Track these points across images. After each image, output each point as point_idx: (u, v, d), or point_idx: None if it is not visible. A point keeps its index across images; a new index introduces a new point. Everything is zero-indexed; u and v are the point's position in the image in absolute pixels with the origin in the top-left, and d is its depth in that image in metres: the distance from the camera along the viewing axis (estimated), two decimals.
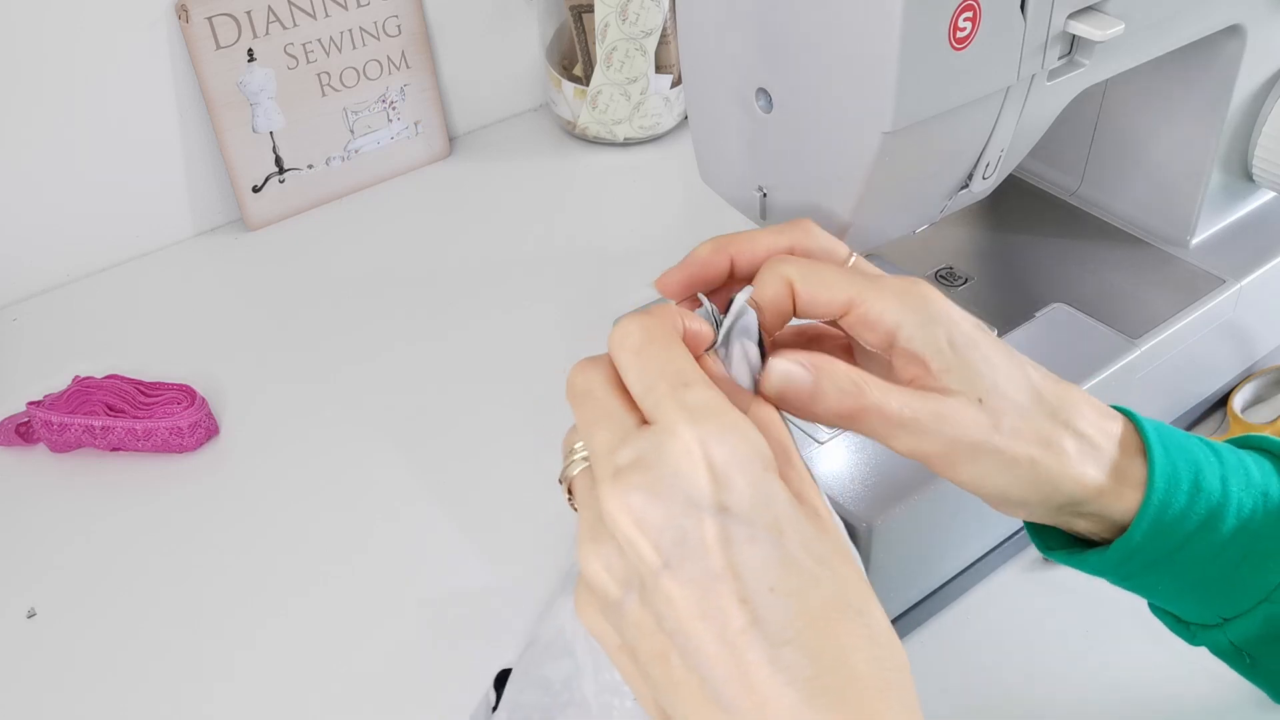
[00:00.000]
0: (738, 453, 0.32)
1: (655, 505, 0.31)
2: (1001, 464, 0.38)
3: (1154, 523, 0.39)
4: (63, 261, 0.84)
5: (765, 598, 0.31)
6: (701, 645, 0.31)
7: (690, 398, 0.32)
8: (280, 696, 0.56)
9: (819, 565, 0.32)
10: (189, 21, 0.80)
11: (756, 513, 0.31)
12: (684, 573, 0.31)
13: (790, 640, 0.30)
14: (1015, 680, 0.55)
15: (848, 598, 0.32)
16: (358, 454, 0.69)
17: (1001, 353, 0.39)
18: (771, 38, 0.46)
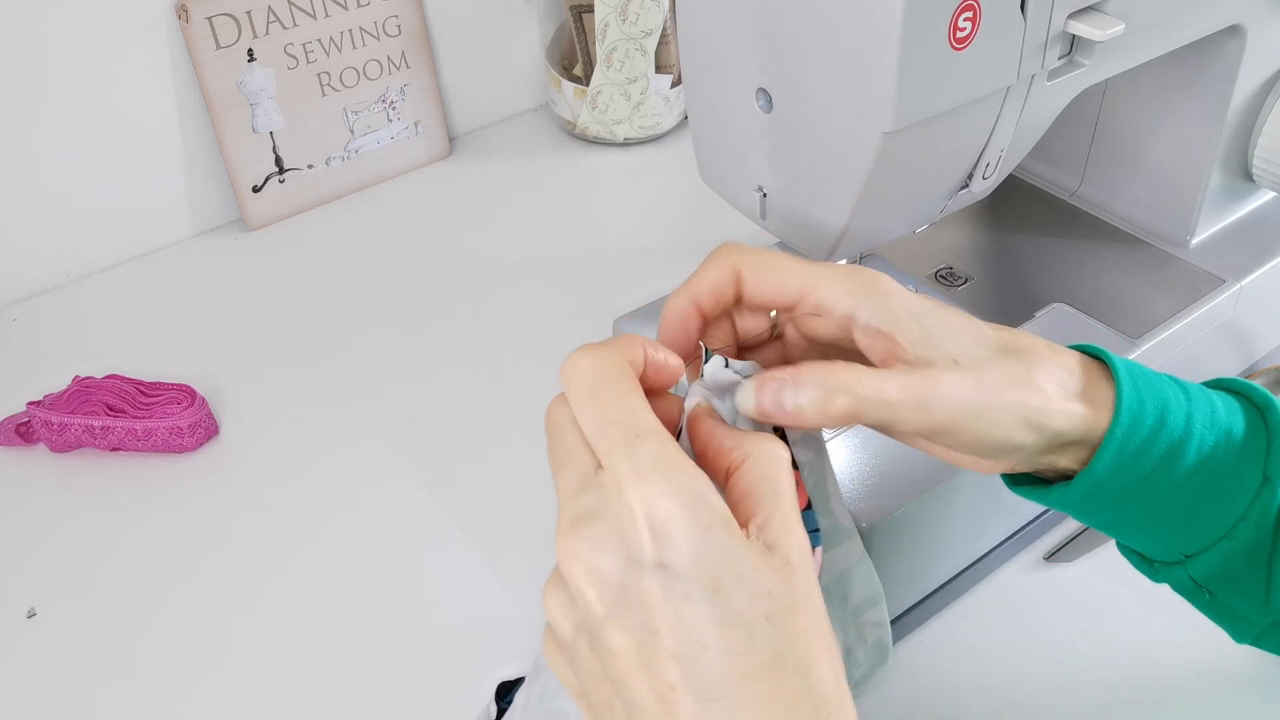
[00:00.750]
0: (680, 510, 0.32)
1: (601, 557, 0.32)
2: (996, 415, 0.38)
3: (1117, 455, 0.40)
4: (63, 261, 0.84)
5: (698, 654, 0.31)
6: (637, 698, 0.32)
7: (639, 451, 0.33)
8: (280, 696, 0.56)
9: (762, 622, 0.32)
10: (189, 21, 0.80)
11: (694, 570, 0.32)
12: (623, 625, 0.32)
13: (719, 698, 0.31)
14: (1015, 680, 0.55)
15: (788, 656, 0.32)
16: (358, 454, 0.69)
17: (954, 314, 0.40)
18: (771, 38, 0.46)
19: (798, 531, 0.34)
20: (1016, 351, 0.40)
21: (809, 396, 0.37)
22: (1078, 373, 0.41)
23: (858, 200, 0.47)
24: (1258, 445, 0.42)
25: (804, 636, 0.33)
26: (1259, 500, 0.41)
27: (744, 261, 0.40)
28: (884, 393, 0.37)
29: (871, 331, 0.39)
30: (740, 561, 0.32)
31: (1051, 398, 0.39)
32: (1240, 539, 0.42)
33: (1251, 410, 0.43)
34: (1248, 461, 0.41)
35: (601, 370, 0.35)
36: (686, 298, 0.40)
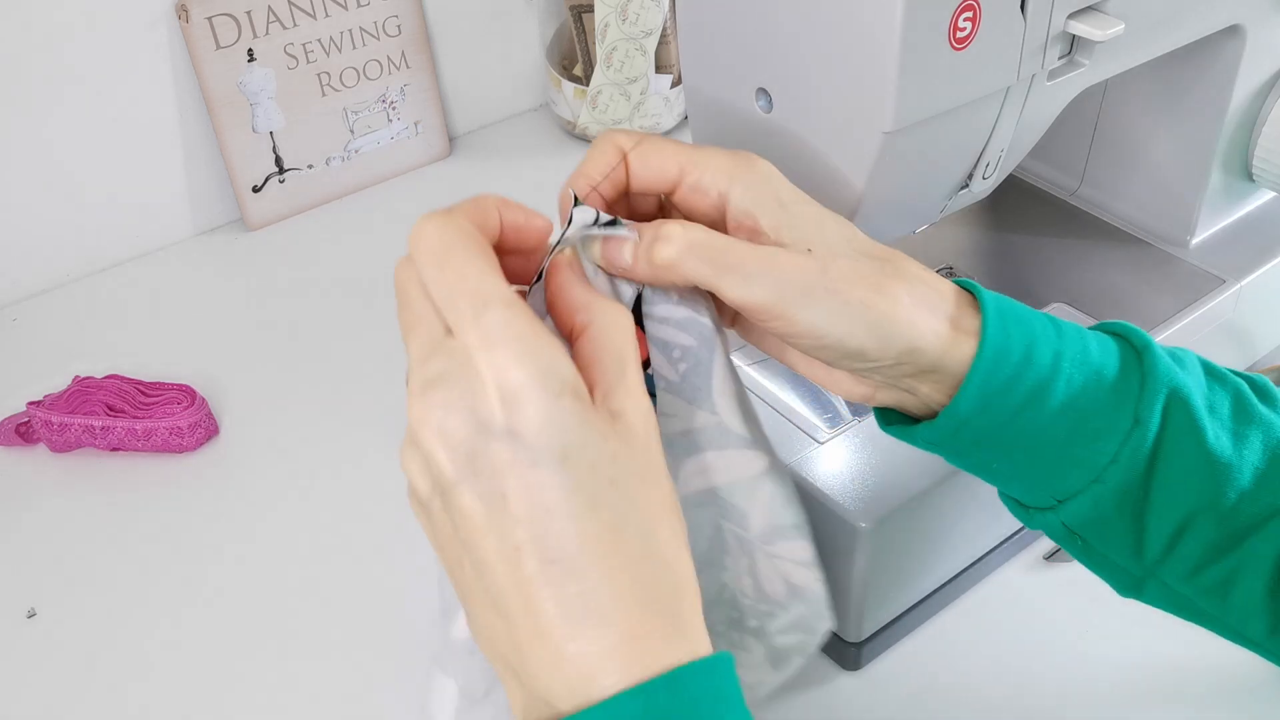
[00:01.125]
0: (529, 379, 0.33)
1: (452, 422, 0.33)
2: (835, 307, 0.38)
3: (981, 390, 0.40)
4: (63, 261, 0.84)
5: (542, 519, 0.32)
6: (485, 557, 0.33)
7: (487, 319, 0.33)
8: (280, 695, 0.56)
9: (607, 487, 0.33)
10: (189, 21, 0.80)
11: (542, 438, 0.33)
12: (474, 489, 0.33)
13: (559, 560, 0.32)
14: (1015, 680, 0.55)
15: (630, 520, 0.33)
16: (357, 454, 0.69)
17: (830, 214, 0.40)
18: (771, 38, 0.46)
19: (641, 398, 0.35)
20: (882, 259, 0.40)
21: (643, 246, 0.38)
22: (948, 297, 0.41)
23: (858, 200, 0.47)
24: (1130, 387, 0.41)
25: (647, 501, 0.34)
26: (1129, 443, 0.41)
27: (628, 144, 0.41)
28: (708, 248, 0.38)
29: (739, 213, 0.39)
30: (588, 429, 0.33)
31: (903, 306, 0.39)
32: (1110, 483, 0.41)
33: (1129, 352, 0.42)
34: (1118, 403, 0.41)
35: (447, 236, 0.35)
36: (582, 181, 0.41)
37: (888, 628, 0.56)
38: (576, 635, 0.32)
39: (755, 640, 0.46)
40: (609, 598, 0.33)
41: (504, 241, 0.38)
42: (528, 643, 0.33)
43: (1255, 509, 0.41)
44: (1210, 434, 0.41)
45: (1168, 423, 0.41)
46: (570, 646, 0.32)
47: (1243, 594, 0.42)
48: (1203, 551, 0.42)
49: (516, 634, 0.33)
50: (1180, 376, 0.41)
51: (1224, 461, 0.41)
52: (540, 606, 0.33)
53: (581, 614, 0.32)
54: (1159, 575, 0.43)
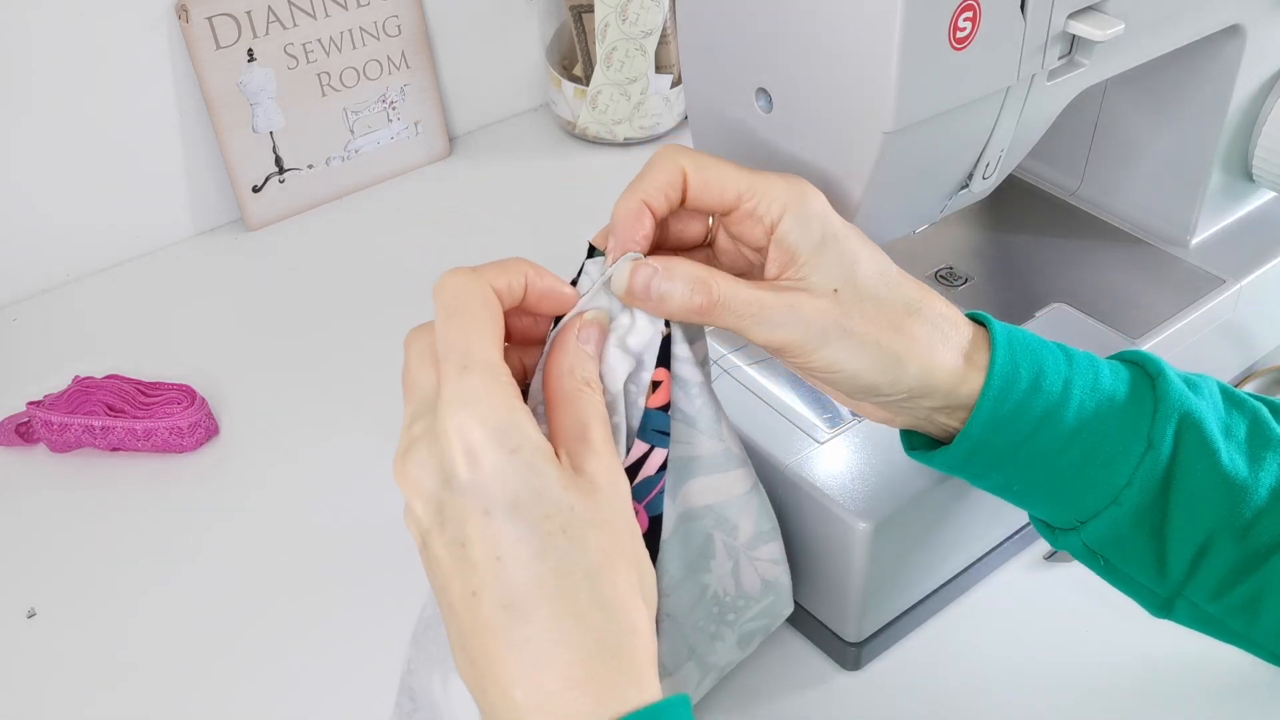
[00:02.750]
0: (487, 436, 0.35)
1: (425, 477, 0.37)
2: (851, 346, 0.41)
3: (991, 415, 0.42)
4: (63, 261, 0.84)
5: (494, 565, 0.35)
6: (453, 600, 0.36)
7: (464, 383, 0.36)
8: (281, 695, 0.56)
9: (558, 534, 0.35)
10: (189, 21, 0.80)
11: (495, 489, 0.35)
12: (441, 538, 0.36)
13: (511, 604, 0.35)
14: (1015, 680, 0.55)
15: (578, 566, 0.35)
16: (357, 453, 0.69)
17: (866, 250, 0.42)
18: (771, 38, 0.46)
19: (605, 458, 0.38)
20: (908, 298, 0.42)
21: (677, 287, 0.40)
22: (964, 334, 0.43)
23: (858, 200, 0.47)
24: (1142, 411, 0.43)
25: (599, 549, 0.36)
26: (1143, 466, 0.42)
27: (690, 164, 0.42)
28: (735, 300, 0.40)
29: (782, 244, 0.41)
30: (541, 480, 0.35)
31: (918, 345, 0.42)
32: (1127, 505, 0.43)
33: (1141, 378, 0.44)
34: (1131, 427, 0.43)
35: (463, 294, 0.38)
36: (637, 198, 0.42)
37: (888, 628, 0.56)
38: (523, 679, 0.34)
39: (729, 629, 0.50)
40: (554, 643, 0.34)
41: (529, 305, 0.40)
42: (487, 684, 0.35)
43: (1275, 528, 0.42)
44: (1224, 456, 0.42)
45: (1180, 445, 0.42)
46: (517, 691, 0.34)
47: (1271, 613, 0.43)
48: (1226, 571, 0.43)
49: (478, 675, 0.35)
50: (1193, 401, 0.43)
51: (1239, 482, 0.42)
52: (493, 650, 0.35)
53: (528, 658, 0.34)
54: (1186, 595, 0.45)
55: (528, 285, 0.40)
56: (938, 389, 0.42)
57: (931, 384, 0.42)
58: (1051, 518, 0.46)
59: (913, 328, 0.42)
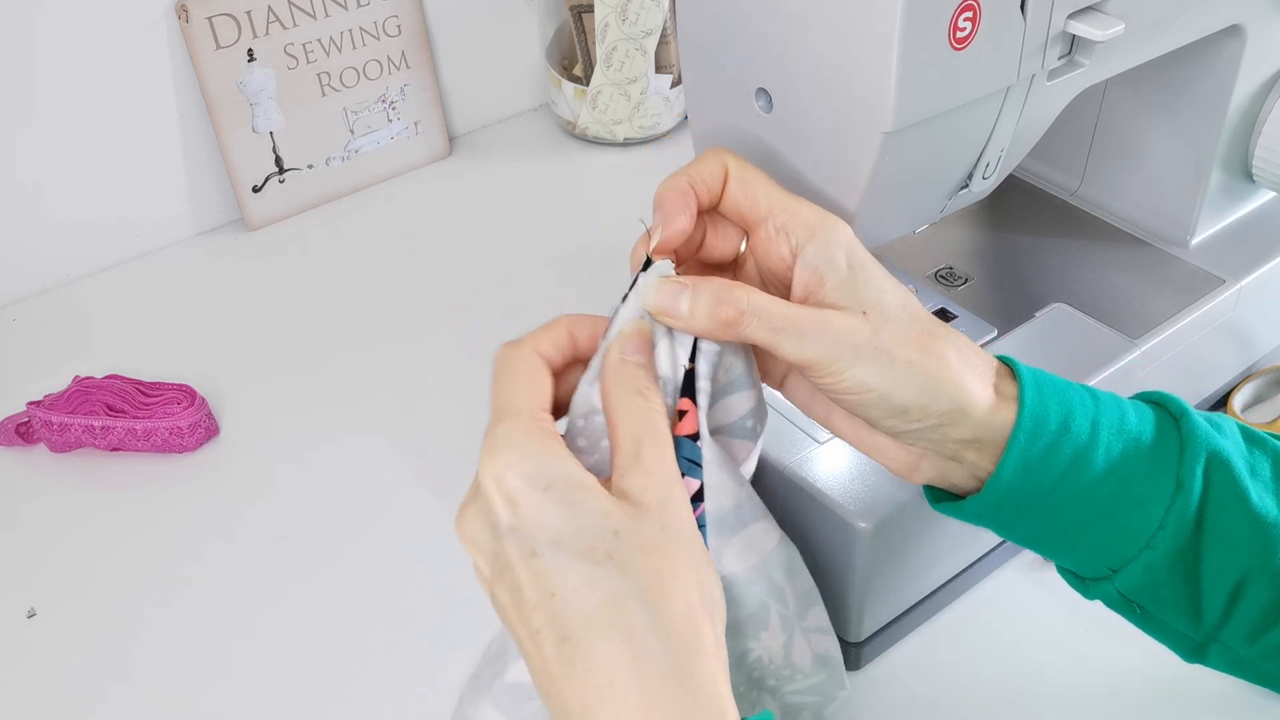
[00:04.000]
0: (520, 478, 0.36)
1: (479, 532, 0.38)
2: (882, 364, 0.40)
3: (1023, 457, 0.41)
4: (63, 261, 0.84)
5: (549, 602, 0.35)
6: (521, 643, 0.37)
7: (496, 432, 0.37)
8: (280, 695, 0.56)
9: (606, 561, 0.35)
10: (189, 21, 0.80)
11: (536, 529, 0.36)
12: (501, 584, 0.37)
13: (569, 638, 0.35)
14: (1015, 680, 0.55)
15: (630, 592, 0.35)
16: (357, 453, 0.69)
17: (891, 281, 0.42)
18: (771, 38, 0.46)
19: (656, 475, 0.38)
20: (932, 329, 0.42)
21: (703, 302, 0.40)
22: (990, 365, 0.43)
23: (858, 200, 0.47)
24: (1169, 451, 0.42)
25: (651, 572, 0.36)
26: (1174, 507, 0.41)
27: (733, 164, 0.43)
28: (765, 312, 0.40)
29: (808, 268, 0.41)
30: (579, 513, 0.36)
31: (949, 366, 0.41)
32: (1161, 549, 0.42)
33: (1165, 418, 0.43)
34: (1159, 468, 0.42)
35: (503, 362, 0.40)
36: (685, 179, 0.43)
37: (888, 628, 0.56)
38: (594, 710, 0.34)
39: (770, 697, 0.47)
40: (617, 673, 0.34)
41: (582, 353, 0.42)
42: (564, 717, 0.35)
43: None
44: (1254, 495, 0.42)
45: (1210, 485, 0.42)
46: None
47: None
48: (1261, 613, 0.42)
49: (555, 709, 0.36)
50: (1218, 440, 0.42)
51: (1270, 522, 0.42)
52: (562, 686, 0.35)
53: (595, 690, 0.34)
54: (1220, 639, 0.44)
55: (572, 337, 0.41)
56: (969, 416, 0.41)
57: (963, 408, 0.41)
58: (1081, 568, 0.45)
59: (943, 349, 0.41)
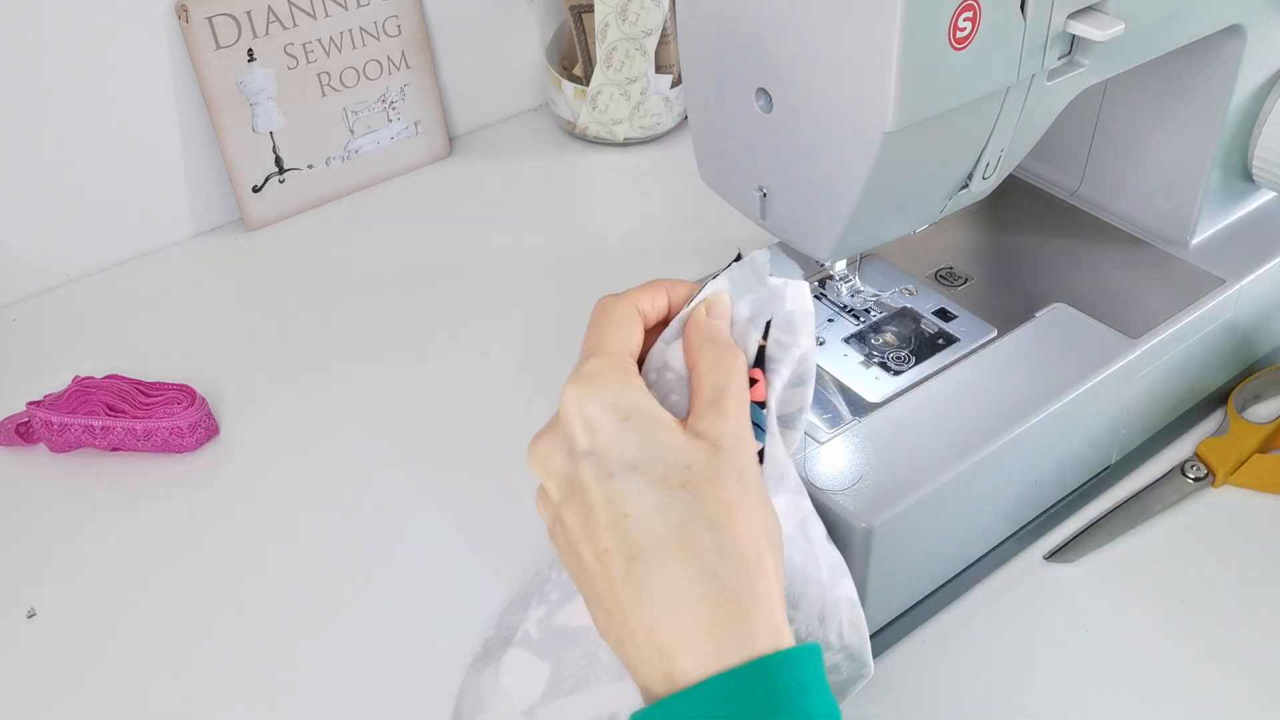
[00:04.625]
0: (601, 407, 0.39)
1: (553, 455, 0.40)
2: None
3: None
4: (63, 261, 0.84)
5: (621, 522, 0.38)
6: (587, 564, 0.39)
7: (585, 367, 0.41)
8: (280, 695, 0.56)
9: (678, 490, 0.38)
10: (189, 21, 0.80)
11: (614, 453, 0.38)
12: (571, 506, 0.39)
13: (638, 556, 0.37)
14: (1015, 680, 0.55)
15: (700, 518, 0.37)
16: (357, 453, 0.69)
17: None
18: (771, 38, 0.46)
19: (733, 421, 0.40)
20: None
21: None
22: None
23: (858, 200, 0.47)
24: None
25: (720, 502, 0.38)
26: None
27: None
28: None
29: None
30: (655, 443, 0.39)
31: None
32: None
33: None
34: None
35: (600, 309, 0.43)
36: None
37: (888, 627, 0.56)
38: (658, 626, 0.37)
39: None
40: (683, 590, 0.37)
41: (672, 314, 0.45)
42: (625, 636, 0.38)
43: None
44: None
45: None
46: (654, 637, 0.37)
47: None
48: None
49: (616, 628, 0.38)
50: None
51: None
52: (627, 601, 0.37)
53: (660, 605, 0.37)
54: None
55: (668, 299, 0.44)
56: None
57: None
58: None
59: None
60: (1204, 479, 0.63)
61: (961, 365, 0.57)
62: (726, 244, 0.83)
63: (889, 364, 0.58)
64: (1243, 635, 0.56)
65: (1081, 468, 0.61)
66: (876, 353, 0.58)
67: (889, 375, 0.57)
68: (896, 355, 0.58)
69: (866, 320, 0.60)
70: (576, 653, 0.45)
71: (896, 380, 0.57)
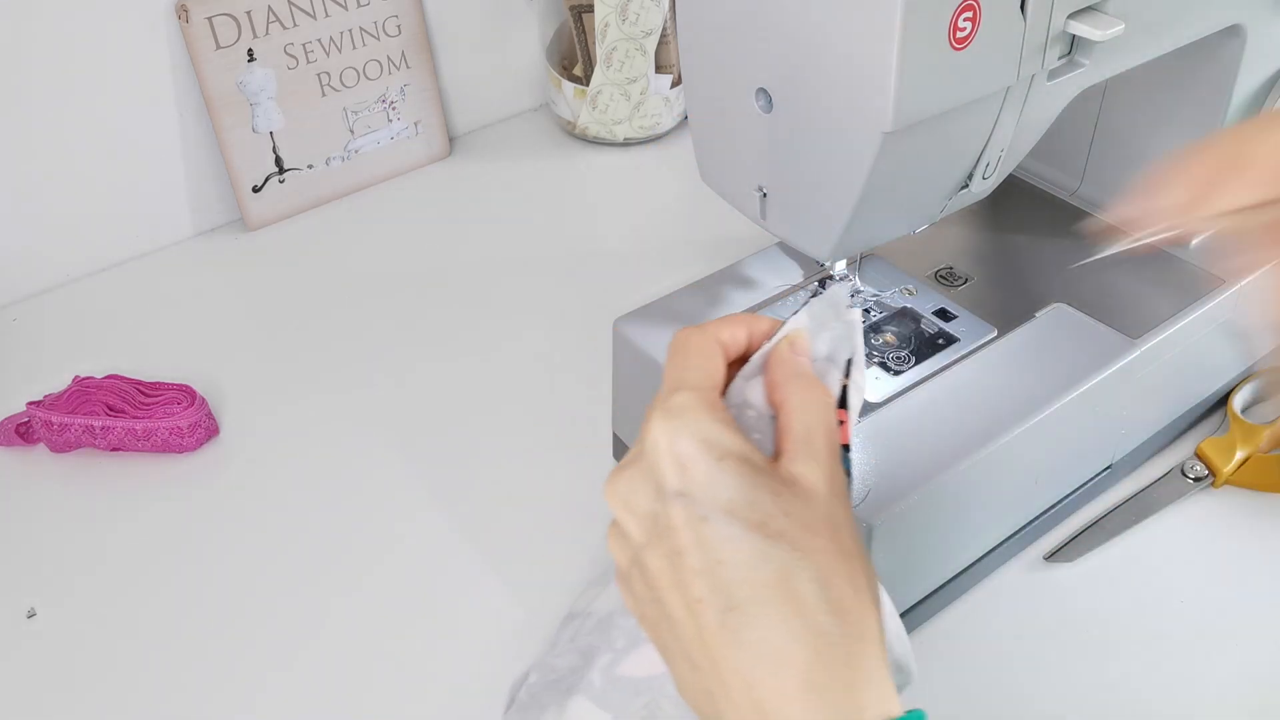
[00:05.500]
0: (695, 446, 0.36)
1: (637, 493, 0.37)
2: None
3: None
4: (63, 261, 0.84)
5: (716, 570, 0.35)
6: (674, 612, 0.36)
7: (673, 400, 0.37)
8: (280, 695, 0.56)
9: (775, 539, 0.35)
10: (189, 21, 0.80)
11: (709, 496, 0.36)
12: (658, 550, 0.36)
13: (736, 607, 0.34)
14: (1015, 680, 0.55)
15: (801, 569, 0.35)
16: (357, 453, 0.69)
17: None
18: (771, 38, 0.46)
19: (824, 464, 0.38)
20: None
21: None
22: None
23: (858, 200, 0.47)
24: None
25: (822, 552, 0.35)
26: None
27: None
28: None
29: None
30: (753, 487, 0.36)
31: None
32: None
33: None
34: None
35: (681, 340, 0.40)
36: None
37: None
38: (757, 683, 0.34)
39: None
40: (786, 646, 0.34)
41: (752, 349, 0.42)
42: (717, 690, 0.35)
43: None
44: None
45: None
46: (752, 694, 0.34)
47: None
48: None
49: (705, 682, 0.35)
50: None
51: None
52: (721, 655, 0.35)
53: (760, 660, 0.34)
54: None
55: (749, 333, 0.42)
56: None
57: None
58: None
59: None
60: (1204, 479, 0.63)
61: (961, 365, 0.57)
62: (727, 244, 0.83)
63: (889, 364, 0.58)
64: (1243, 635, 0.56)
65: (1081, 468, 0.61)
66: (876, 353, 0.58)
67: (889, 375, 0.57)
68: (896, 355, 0.58)
69: (866, 320, 0.60)
70: (640, 703, 0.44)
71: (896, 380, 0.57)
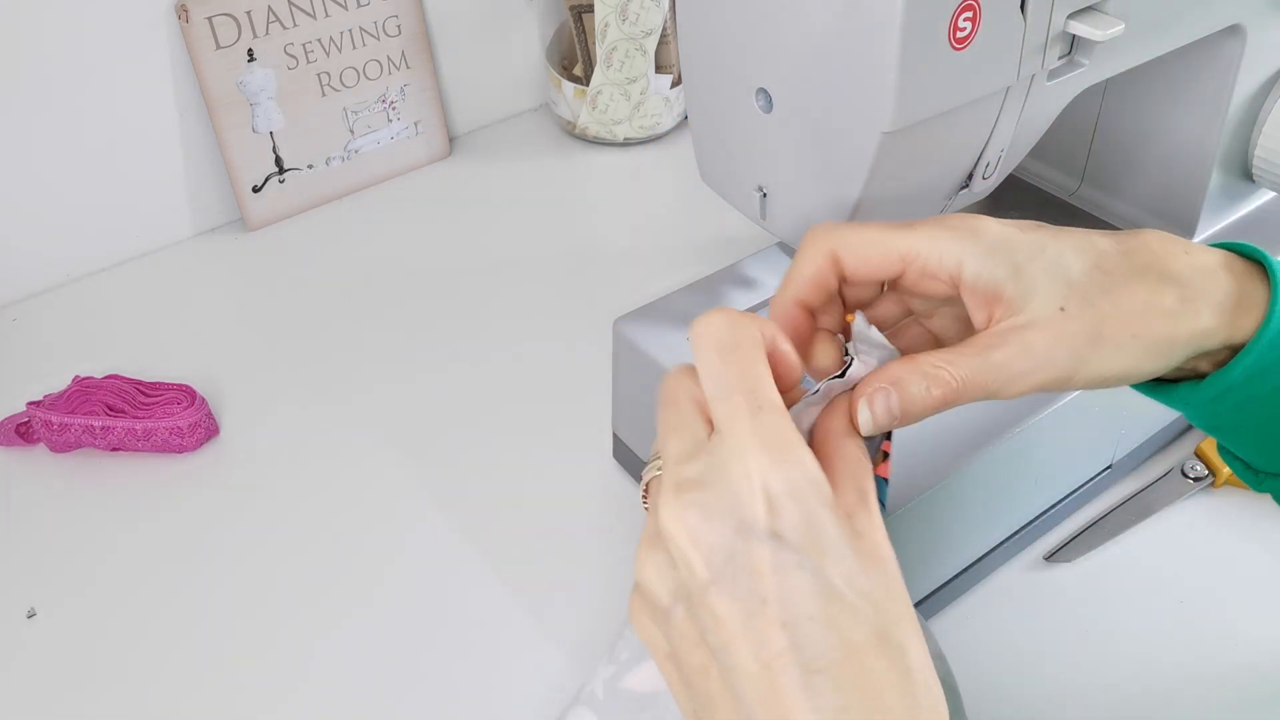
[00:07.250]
0: (795, 484, 0.32)
1: (710, 523, 0.32)
2: (1110, 353, 0.37)
3: (1258, 361, 0.39)
4: (63, 261, 0.84)
5: (804, 625, 0.31)
6: (740, 664, 0.32)
7: (763, 421, 0.33)
8: (279, 697, 0.56)
9: (862, 599, 0.32)
10: (189, 21, 0.80)
11: (805, 544, 0.32)
12: (730, 592, 0.32)
13: (823, 669, 0.31)
14: (1015, 680, 0.55)
15: (888, 632, 0.32)
16: (358, 453, 0.69)
17: (1066, 244, 0.38)
18: (771, 38, 0.46)
19: (881, 526, 0.35)
20: (1142, 269, 0.38)
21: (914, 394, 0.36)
22: (1221, 280, 0.39)
23: (858, 200, 0.47)
24: None
25: (901, 620, 0.33)
26: None
27: (840, 244, 0.38)
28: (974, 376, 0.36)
29: (975, 291, 0.38)
30: (843, 543, 0.33)
31: (1178, 320, 0.38)
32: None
33: None
34: None
35: (735, 333, 0.35)
36: (789, 297, 0.39)
37: None
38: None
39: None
40: (873, 715, 0.31)
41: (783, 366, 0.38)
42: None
43: None
44: None
45: None
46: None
47: None
48: None
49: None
50: None
51: None
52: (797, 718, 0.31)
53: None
54: None
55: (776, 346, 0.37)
56: (1208, 347, 0.38)
57: (1202, 345, 0.38)
58: (1259, 461, 0.43)
59: (1162, 301, 0.37)
60: (1204, 479, 0.63)
61: None
62: (727, 244, 0.83)
63: None
64: (1242, 635, 0.56)
65: (1081, 468, 0.61)
66: None
67: None
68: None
69: None
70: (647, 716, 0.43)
71: None
